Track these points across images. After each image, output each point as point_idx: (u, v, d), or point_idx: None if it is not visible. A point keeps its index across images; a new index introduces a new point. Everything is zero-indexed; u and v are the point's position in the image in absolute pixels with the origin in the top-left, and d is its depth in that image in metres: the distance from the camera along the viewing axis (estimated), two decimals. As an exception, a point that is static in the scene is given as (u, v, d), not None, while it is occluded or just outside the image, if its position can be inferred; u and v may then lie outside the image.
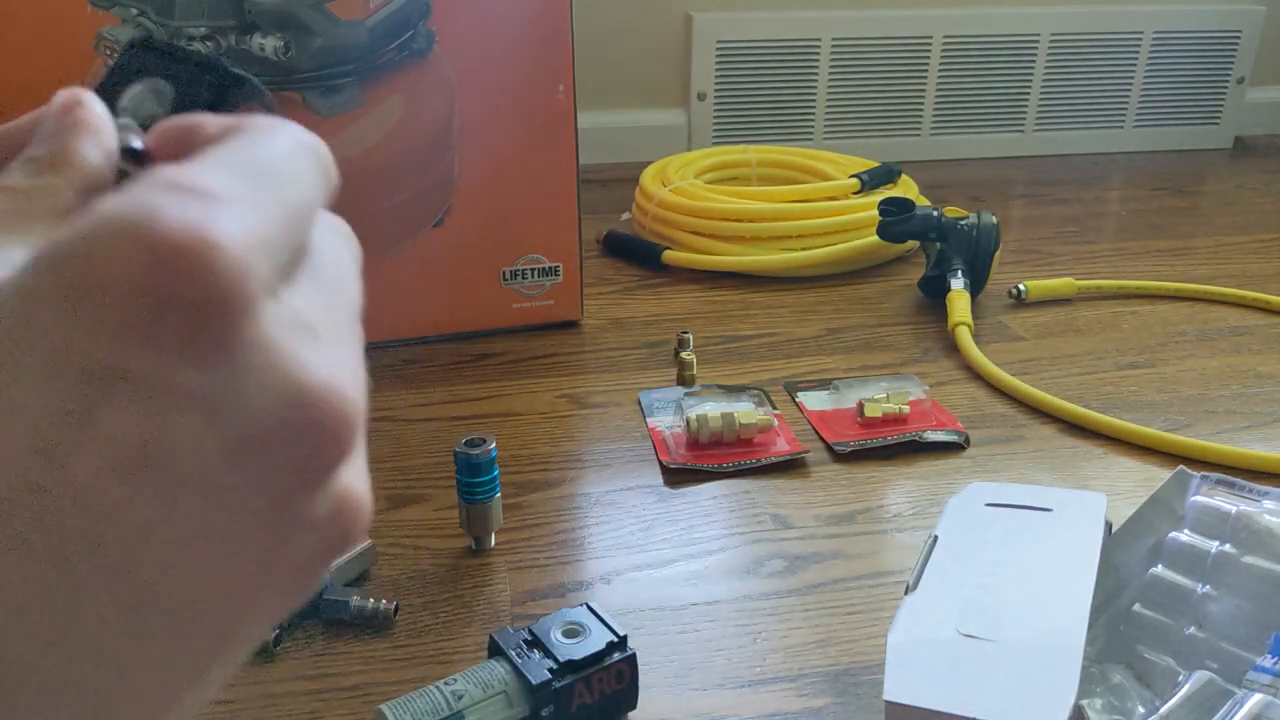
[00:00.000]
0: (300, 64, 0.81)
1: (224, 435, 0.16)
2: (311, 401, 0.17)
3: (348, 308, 0.20)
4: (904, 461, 0.75)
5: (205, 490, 0.16)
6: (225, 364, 0.16)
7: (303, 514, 0.18)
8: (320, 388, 0.17)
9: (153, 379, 0.16)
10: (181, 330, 0.16)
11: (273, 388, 0.17)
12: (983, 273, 1.01)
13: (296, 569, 0.19)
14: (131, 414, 0.16)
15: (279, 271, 0.18)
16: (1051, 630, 0.47)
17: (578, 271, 0.95)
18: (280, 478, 0.17)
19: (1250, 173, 1.55)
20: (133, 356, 0.16)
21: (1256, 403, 0.84)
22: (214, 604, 0.17)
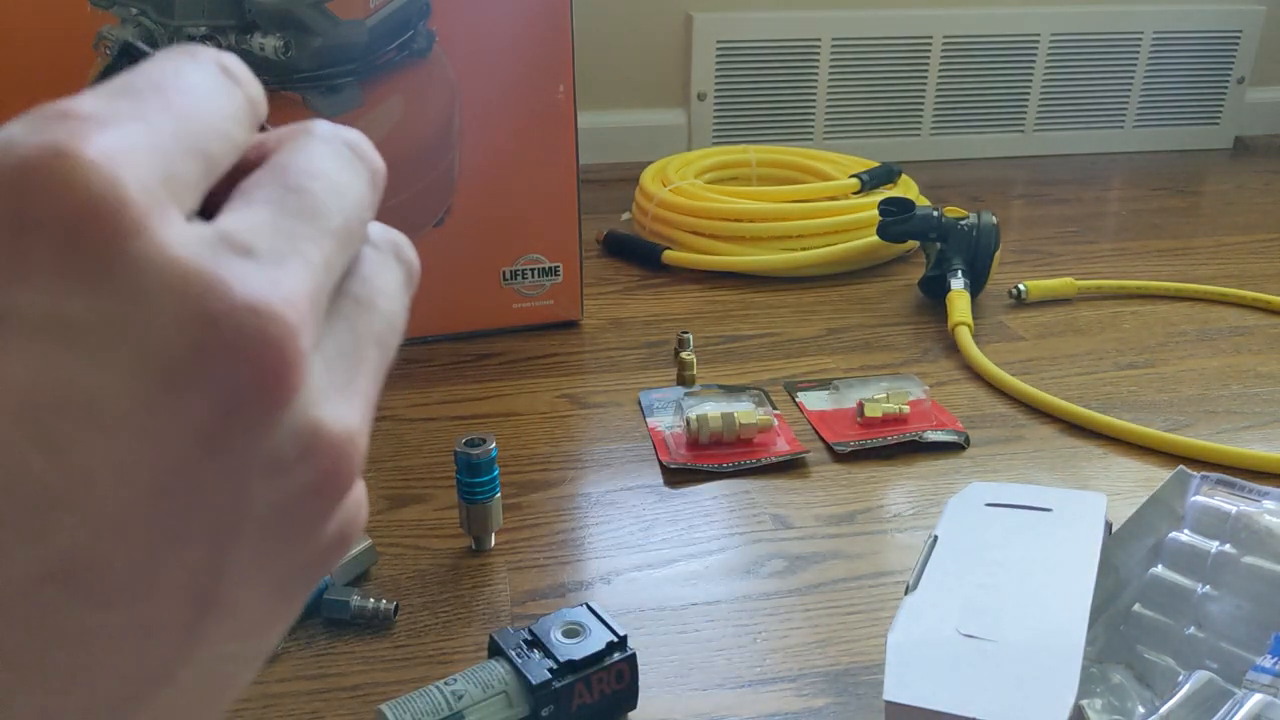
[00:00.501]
0: (300, 64, 0.81)
1: (127, 367, 0.15)
2: (227, 323, 0.15)
3: (375, 335, 0.19)
4: (904, 461, 0.75)
5: (117, 431, 0.14)
6: (112, 287, 0.14)
7: (251, 458, 0.16)
8: (241, 306, 0.15)
9: (30, 315, 0.14)
10: (53, 256, 0.14)
11: (176, 309, 0.15)
12: (983, 273, 1.01)
13: (273, 521, 0.17)
14: (14, 358, 0.14)
15: (192, 191, 0.16)
16: (1051, 630, 0.47)
17: (578, 271, 0.95)
18: (207, 415, 0.15)
19: (1250, 173, 1.55)
20: (7, 292, 0.14)
21: (1256, 403, 0.84)
22: (165, 564, 0.15)
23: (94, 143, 0.14)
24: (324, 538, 0.18)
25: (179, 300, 0.15)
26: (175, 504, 0.15)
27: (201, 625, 0.16)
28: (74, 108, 0.15)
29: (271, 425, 0.16)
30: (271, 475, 0.16)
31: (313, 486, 0.17)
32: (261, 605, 0.18)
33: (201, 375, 0.15)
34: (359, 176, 0.19)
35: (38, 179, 0.14)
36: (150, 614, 0.16)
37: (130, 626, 0.16)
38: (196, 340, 0.15)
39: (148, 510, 0.15)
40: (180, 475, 0.15)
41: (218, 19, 0.78)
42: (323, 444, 0.17)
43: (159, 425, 0.15)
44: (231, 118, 0.18)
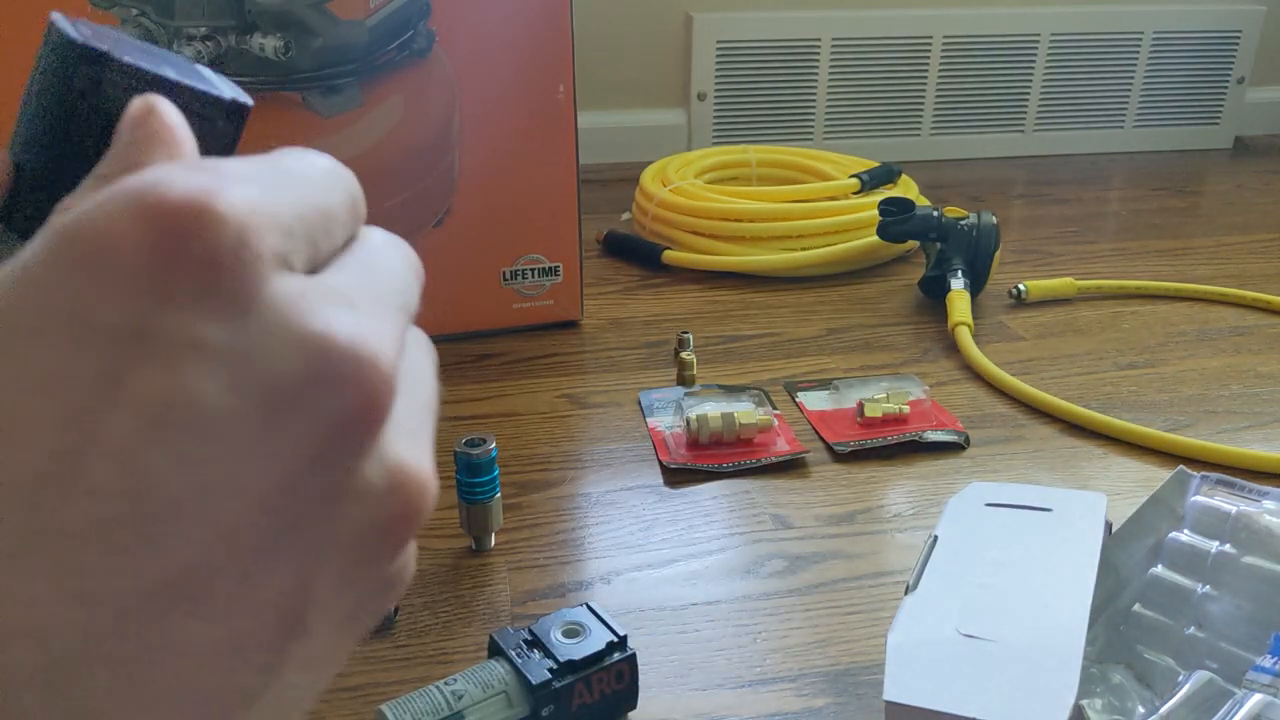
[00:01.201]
0: (300, 64, 0.81)
1: (251, 389, 0.17)
2: (337, 356, 0.17)
3: (428, 404, 0.21)
4: (904, 461, 0.75)
5: (238, 447, 0.16)
6: (244, 319, 0.17)
7: (348, 482, 0.18)
8: (347, 344, 0.17)
9: (173, 336, 0.16)
10: (195, 287, 0.16)
11: (296, 342, 0.17)
12: (983, 273, 1.01)
13: (356, 548, 0.18)
14: (156, 372, 0.16)
15: (305, 251, 0.19)
16: (1052, 630, 0.47)
17: (578, 271, 0.95)
18: (315, 437, 0.17)
19: (1250, 173, 1.55)
20: (151, 315, 0.16)
21: (1256, 403, 0.84)
22: (264, 580, 0.17)
23: (230, 198, 0.17)
24: (390, 574, 0.20)
25: (298, 336, 0.17)
26: (279, 521, 0.17)
27: (286, 649, 0.18)
28: (213, 163, 0.18)
29: (366, 453, 0.18)
30: (362, 502, 0.18)
31: (394, 518, 0.19)
32: (332, 636, 0.19)
33: (312, 401, 0.17)
34: (411, 272, 0.22)
35: (188, 222, 0.16)
36: (245, 631, 0.17)
37: (227, 643, 0.17)
38: (311, 370, 0.17)
39: (256, 525, 0.17)
40: (286, 494, 0.17)
41: (218, 19, 0.78)
42: (408, 479, 0.19)
43: (273, 445, 0.17)
44: (341, 204, 0.20)
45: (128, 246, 0.16)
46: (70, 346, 0.16)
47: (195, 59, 0.78)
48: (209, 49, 0.79)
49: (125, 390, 0.16)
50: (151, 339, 0.16)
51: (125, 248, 0.16)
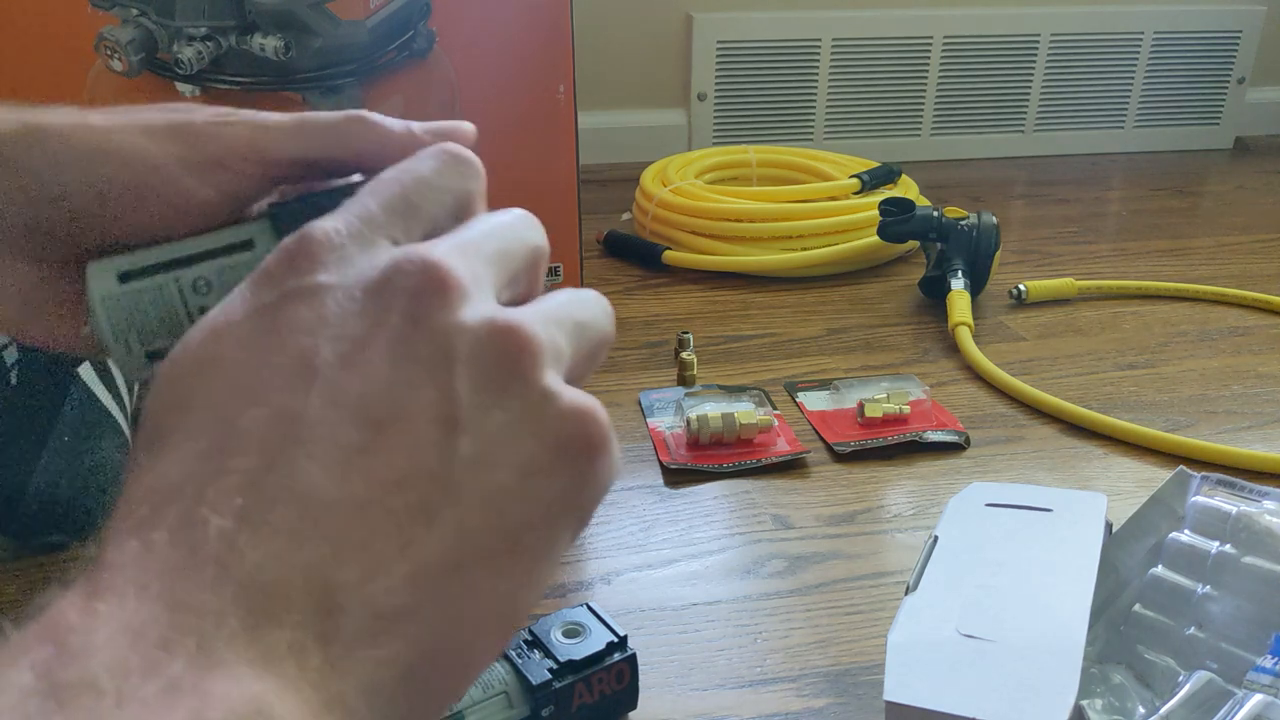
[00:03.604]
0: (300, 64, 0.81)
1: (355, 292, 0.24)
2: (403, 259, 0.24)
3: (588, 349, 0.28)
4: (904, 462, 0.75)
5: (354, 311, 0.24)
6: (345, 262, 0.24)
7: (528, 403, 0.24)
8: (411, 254, 0.24)
9: (304, 285, 0.24)
10: (306, 260, 0.24)
11: (378, 261, 0.24)
12: (983, 273, 1.01)
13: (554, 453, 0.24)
14: (300, 305, 0.24)
15: (498, 288, 0.26)
16: (1052, 631, 0.47)
17: (578, 271, 0.95)
18: (400, 302, 0.24)
19: (1250, 173, 1.55)
20: (293, 280, 0.24)
21: (1257, 403, 0.84)
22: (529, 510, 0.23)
23: (449, 260, 0.25)
24: (592, 470, 0.25)
25: (486, 315, 0.24)
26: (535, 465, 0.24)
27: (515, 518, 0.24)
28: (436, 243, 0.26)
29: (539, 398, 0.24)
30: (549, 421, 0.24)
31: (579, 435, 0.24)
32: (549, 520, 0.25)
33: (505, 387, 0.24)
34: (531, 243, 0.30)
35: (427, 271, 0.24)
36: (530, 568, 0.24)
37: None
38: (506, 364, 0.24)
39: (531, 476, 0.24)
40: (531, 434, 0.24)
41: (218, 20, 0.78)
42: (582, 404, 0.24)
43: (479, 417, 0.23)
44: (530, 250, 0.29)
45: (402, 286, 0.24)
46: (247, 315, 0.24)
47: (196, 59, 0.78)
48: (209, 49, 0.79)
49: (279, 323, 0.24)
50: (287, 295, 0.24)
51: (400, 287, 0.24)
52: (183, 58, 0.78)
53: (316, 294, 0.24)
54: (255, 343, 0.23)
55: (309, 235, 0.25)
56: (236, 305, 0.24)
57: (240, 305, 0.24)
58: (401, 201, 0.27)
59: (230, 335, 0.24)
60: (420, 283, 0.24)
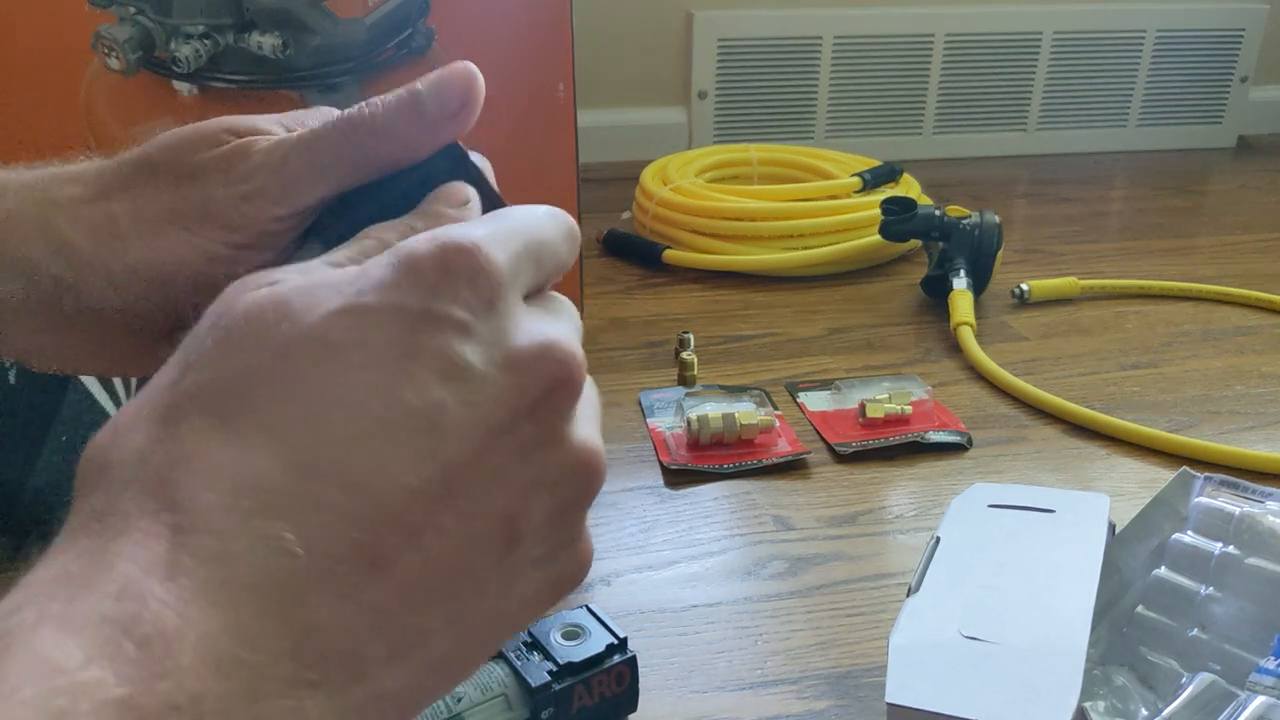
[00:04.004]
0: (298, 62, 0.81)
1: (495, 356, 0.24)
2: (559, 350, 0.25)
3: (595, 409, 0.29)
4: (906, 462, 0.75)
5: (485, 393, 0.24)
6: (495, 311, 0.25)
7: (554, 436, 0.25)
8: (566, 345, 0.25)
9: (454, 317, 0.24)
10: (468, 289, 0.24)
11: (523, 331, 0.25)
12: (985, 272, 1.00)
13: (558, 488, 0.26)
14: (438, 339, 0.24)
15: (530, 271, 0.27)
16: (1055, 632, 0.47)
17: (578, 271, 0.95)
18: (534, 393, 0.25)
19: (1254, 172, 1.55)
20: (436, 303, 0.24)
21: (1260, 403, 0.84)
22: (496, 495, 0.24)
23: (483, 242, 0.25)
24: (578, 529, 0.27)
25: (524, 327, 0.25)
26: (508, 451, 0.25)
27: (506, 556, 0.25)
28: (483, 221, 0.27)
29: (567, 415, 0.26)
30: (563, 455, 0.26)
31: (582, 473, 0.26)
32: (533, 570, 0.26)
33: (537, 369, 0.25)
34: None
35: (462, 252, 0.25)
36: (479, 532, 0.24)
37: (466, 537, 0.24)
38: (538, 352, 0.25)
39: (494, 450, 0.24)
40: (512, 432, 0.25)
41: (216, 17, 0.78)
42: (591, 448, 0.27)
43: (507, 394, 0.24)
44: (555, 233, 0.28)
45: (430, 262, 0.24)
46: (390, 316, 0.24)
47: (194, 57, 0.78)
48: (206, 47, 0.78)
49: (420, 348, 0.23)
50: (436, 317, 0.24)
51: (428, 262, 0.24)
52: (180, 56, 0.78)
53: (463, 333, 0.24)
54: (388, 365, 0.23)
55: (470, 253, 0.25)
56: (373, 289, 0.24)
57: (378, 292, 0.24)
58: (530, 258, 0.27)
59: (362, 328, 0.24)
60: (560, 378, 0.25)
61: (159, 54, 0.78)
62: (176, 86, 0.80)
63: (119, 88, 0.79)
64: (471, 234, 0.25)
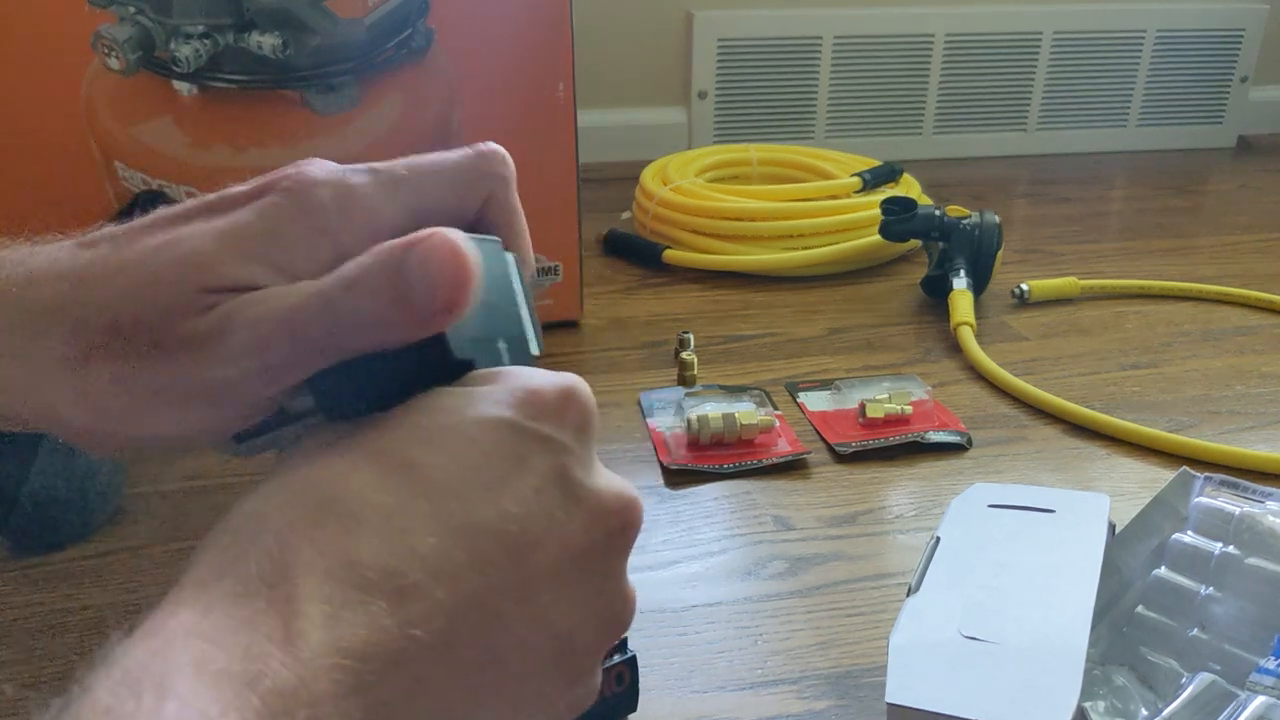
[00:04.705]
0: (298, 62, 0.81)
1: (586, 488, 0.28)
2: (632, 498, 0.29)
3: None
4: (906, 462, 0.75)
5: (582, 520, 0.28)
6: (588, 449, 0.29)
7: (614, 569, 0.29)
8: (635, 496, 0.29)
9: (564, 444, 0.28)
10: (572, 422, 0.28)
11: (603, 472, 0.29)
12: (985, 272, 1.00)
13: (602, 561, 0.29)
14: (556, 460, 0.27)
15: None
16: (1055, 632, 0.47)
17: (577, 271, 0.95)
18: (609, 531, 0.28)
19: (1254, 172, 1.55)
20: (550, 429, 0.28)
21: (1261, 403, 0.84)
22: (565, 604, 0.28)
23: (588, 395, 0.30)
24: (623, 588, 0.30)
25: (609, 478, 0.30)
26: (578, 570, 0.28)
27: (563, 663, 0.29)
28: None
29: (626, 552, 0.30)
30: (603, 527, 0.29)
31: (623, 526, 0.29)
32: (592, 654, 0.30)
33: (616, 518, 0.29)
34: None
35: (577, 397, 0.30)
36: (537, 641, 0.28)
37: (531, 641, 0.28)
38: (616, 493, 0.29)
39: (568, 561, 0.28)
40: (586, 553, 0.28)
41: (216, 17, 0.78)
42: (627, 497, 0.30)
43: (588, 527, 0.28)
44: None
45: (551, 397, 0.28)
46: (511, 430, 0.27)
47: (194, 57, 0.78)
48: (206, 47, 0.78)
49: (529, 464, 0.27)
50: (549, 440, 0.27)
51: (549, 397, 0.28)
52: (180, 56, 0.78)
53: (569, 458, 0.28)
54: (499, 470, 0.26)
55: (584, 393, 0.29)
56: (496, 404, 0.27)
57: (501, 407, 0.27)
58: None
59: (483, 434, 0.27)
60: (633, 524, 0.29)
61: (159, 54, 0.78)
62: (176, 86, 0.80)
63: (119, 87, 0.79)
64: (580, 382, 0.29)
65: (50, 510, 0.61)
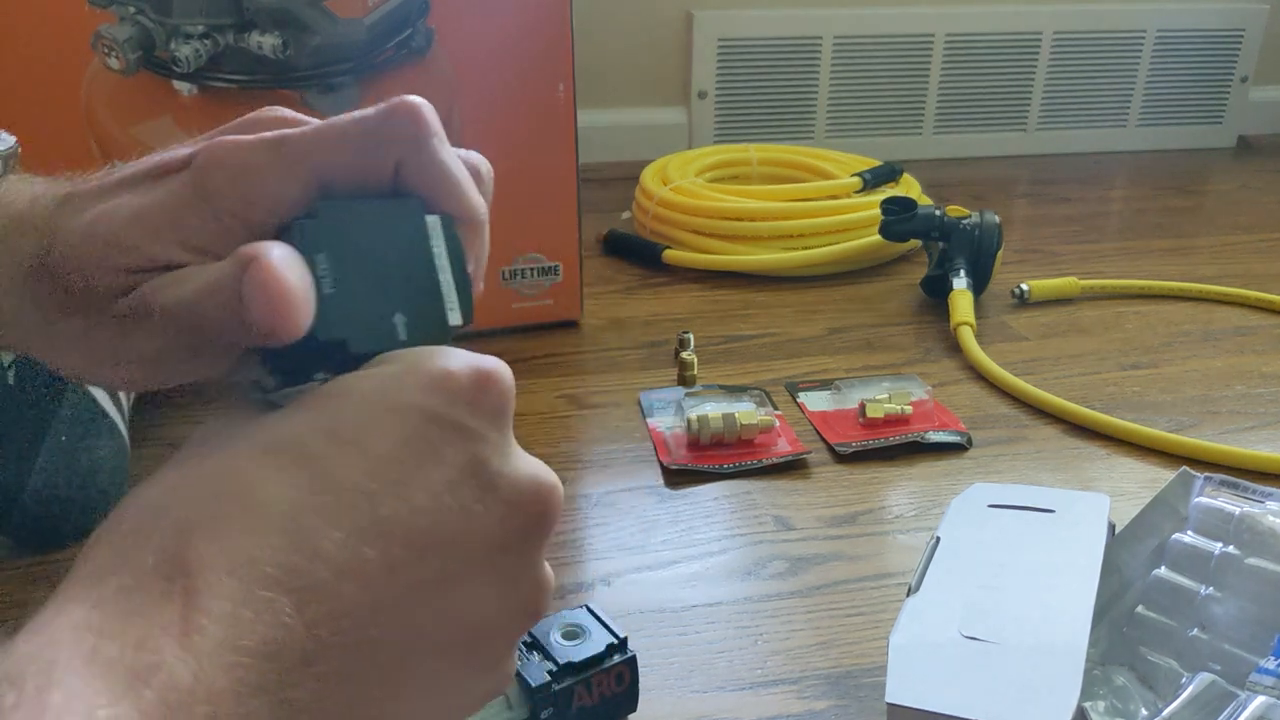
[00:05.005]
0: (298, 62, 0.81)
1: (503, 479, 0.27)
2: (551, 481, 0.28)
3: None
4: (906, 462, 0.75)
5: (499, 512, 0.27)
6: (505, 435, 0.27)
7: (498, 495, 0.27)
8: (554, 479, 0.28)
9: (475, 429, 0.26)
10: (488, 408, 0.27)
11: (522, 460, 0.27)
12: (985, 272, 1.00)
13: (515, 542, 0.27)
14: (471, 449, 0.26)
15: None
16: (1054, 632, 0.47)
17: (577, 271, 0.95)
18: (527, 517, 0.27)
19: (1253, 172, 1.55)
20: (466, 418, 0.26)
21: (1260, 403, 0.84)
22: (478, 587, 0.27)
23: (502, 371, 0.28)
24: (541, 572, 0.29)
25: (527, 461, 0.28)
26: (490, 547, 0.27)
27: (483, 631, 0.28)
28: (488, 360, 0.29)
29: (549, 533, 0.28)
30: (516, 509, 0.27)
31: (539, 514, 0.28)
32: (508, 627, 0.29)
33: (532, 508, 0.28)
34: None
35: (491, 377, 0.28)
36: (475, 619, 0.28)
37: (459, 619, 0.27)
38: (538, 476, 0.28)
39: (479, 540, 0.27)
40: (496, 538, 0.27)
41: (216, 17, 0.78)
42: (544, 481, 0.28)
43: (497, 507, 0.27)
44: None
45: (465, 382, 0.26)
46: (420, 418, 0.26)
47: (194, 57, 0.78)
48: (206, 47, 0.78)
49: (441, 454, 0.26)
50: (463, 429, 0.26)
51: (464, 382, 0.26)
52: (180, 56, 0.78)
53: (484, 447, 0.27)
54: (407, 462, 0.25)
55: (501, 377, 0.27)
56: (402, 390, 0.26)
57: (409, 394, 0.26)
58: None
59: (389, 425, 0.26)
60: (551, 514, 0.28)
61: (159, 54, 0.78)
62: (176, 86, 0.80)
63: (119, 87, 0.79)
64: (499, 363, 0.28)
65: (52, 508, 0.61)
